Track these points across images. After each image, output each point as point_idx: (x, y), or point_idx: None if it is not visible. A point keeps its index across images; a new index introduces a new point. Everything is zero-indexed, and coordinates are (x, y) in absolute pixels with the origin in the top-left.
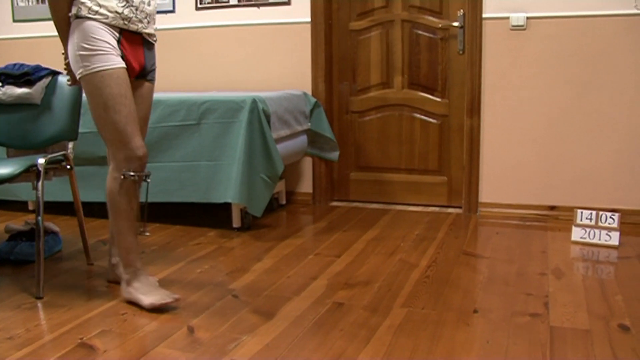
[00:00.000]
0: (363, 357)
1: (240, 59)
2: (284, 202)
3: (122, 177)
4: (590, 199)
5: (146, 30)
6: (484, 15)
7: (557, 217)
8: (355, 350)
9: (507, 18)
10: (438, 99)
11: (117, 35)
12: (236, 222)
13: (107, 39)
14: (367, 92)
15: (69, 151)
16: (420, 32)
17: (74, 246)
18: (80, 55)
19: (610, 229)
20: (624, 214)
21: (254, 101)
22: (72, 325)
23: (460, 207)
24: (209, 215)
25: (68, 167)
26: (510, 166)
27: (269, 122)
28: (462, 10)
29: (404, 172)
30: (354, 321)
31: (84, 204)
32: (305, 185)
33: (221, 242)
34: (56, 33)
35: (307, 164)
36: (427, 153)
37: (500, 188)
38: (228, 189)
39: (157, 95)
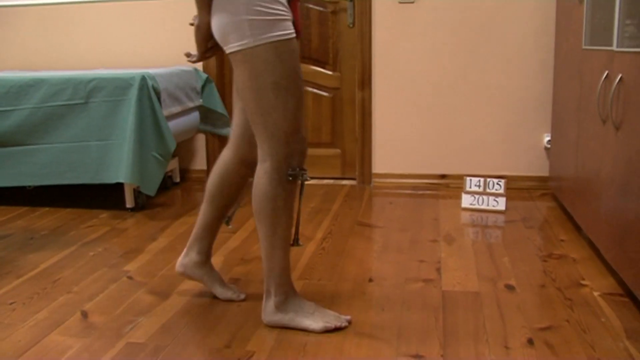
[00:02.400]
0: (261, 330)
1: (128, 35)
2: (178, 179)
3: (290, 177)
4: (479, 167)
5: None
6: None
7: (448, 185)
8: (253, 324)
9: None
10: (329, 72)
11: None
12: (129, 203)
13: None
14: None
15: None
16: (310, 5)
17: None
18: (252, 20)
19: (497, 195)
20: (509, 180)
21: (143, 78)
22: None
23: (354, 179)
24: (101, 197)
25: None
26: (402, 137)
27: (159, 99)
28: None
29: None
30: (251, 296)
31: None
32: (199, 162)
33: (114, 224)
34: None
35: (201, 140)
36: (320, 126)
37: (392, 159)
38: (119, 168)
39: (40, 73)
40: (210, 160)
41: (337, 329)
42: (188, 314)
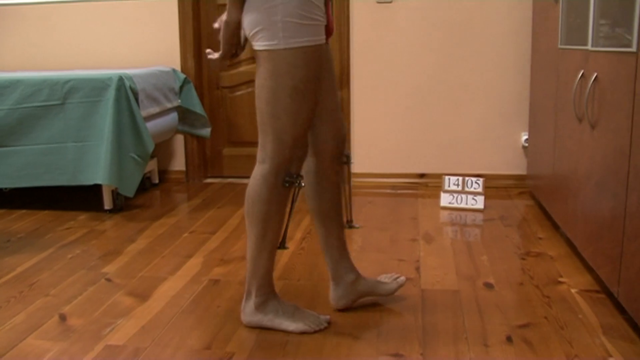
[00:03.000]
0: (241, 331)
1: (105, 35)
2: (156, 181)
3: (286, 183)
4: (457, 166)
5: None
6: None
7: (427, 185)
8: (233, 325)
9: None
10: None
11: None
12: (107, 204)
13: (321, 3)
14: (237, 67)
15: None
16: None
17: None
18: (286, 22)
19: (475, 194)
20: (487, 178)
21: (121, 79)
22: None
23: None
24: (79, 198)
25: None
26: (381, 136)
27: (137, 99)
28: None
29: None
30: (231, 297)
31: None
32: (178, 163)
33: (93, 225)
34: None
35: (179, 141)
36: None
37: (371, 158)
38: (97, 170)
39: (17, 74)
40: (189, 161)
41: (316, 332)
42: (167, 315)
